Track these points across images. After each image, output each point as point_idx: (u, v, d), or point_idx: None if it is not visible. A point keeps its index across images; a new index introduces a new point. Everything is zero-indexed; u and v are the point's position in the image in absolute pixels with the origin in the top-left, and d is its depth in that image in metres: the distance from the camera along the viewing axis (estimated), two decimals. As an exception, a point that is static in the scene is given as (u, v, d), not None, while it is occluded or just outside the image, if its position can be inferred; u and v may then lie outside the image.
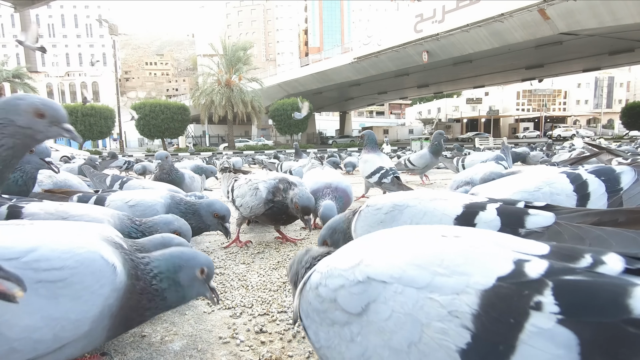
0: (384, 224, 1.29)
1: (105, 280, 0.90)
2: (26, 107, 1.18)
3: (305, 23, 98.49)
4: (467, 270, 0.62)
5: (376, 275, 0.68)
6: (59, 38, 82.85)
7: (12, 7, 13.68)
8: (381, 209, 1.34)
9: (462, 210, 1.23)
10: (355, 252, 0.77)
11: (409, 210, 1.28)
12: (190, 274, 1.07)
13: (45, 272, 0.83)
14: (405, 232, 0.82)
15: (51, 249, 0.87)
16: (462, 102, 60.15)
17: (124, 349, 1.24)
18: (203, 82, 34.80)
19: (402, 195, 1.38)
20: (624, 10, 15.81)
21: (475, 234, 0.74)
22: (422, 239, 0.75)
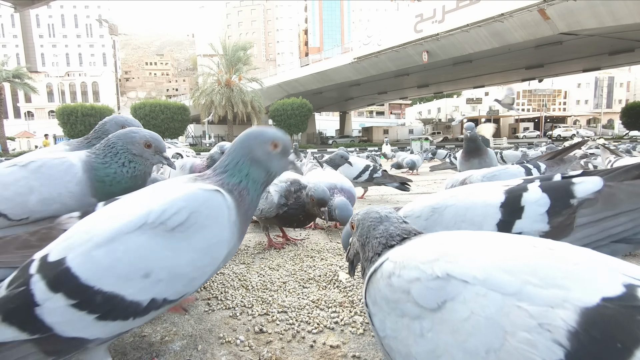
0: (428, 231, 1.24)
1: (222, 212, 0.97)
2: (139, 139, 1.45)
3: (305, 23, 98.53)
4: (566, 285, 0.57)
5: (458, 274, 0.65)
6: (59, 38, 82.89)
7: (12, 7, 13.64)
8: (421, 217, 1.27)
9: (505, 196, 1.18)
10: (434, 247, 0.75)
11: (450, 209, 1.23)
12: (264, 149, 1.08)
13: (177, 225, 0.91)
14: (492, 236, 0.77)
15: (161, 203, 0.93)
16: (462, 102, 60.21)
17: (124, 349, 1.25)
18: (203, 82, 34.82)
19: (435, 198, 1.32)
20: (624, 10, 15.82)
21: (573, 249, 0.69)
22: (512, 246, 0.70)
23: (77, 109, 29.73)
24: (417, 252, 0.76)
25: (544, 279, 0.59)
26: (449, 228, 1.16)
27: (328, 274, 1.88)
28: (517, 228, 1.11)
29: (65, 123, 29.12)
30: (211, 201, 0.97)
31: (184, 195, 0.95)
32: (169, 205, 0.92)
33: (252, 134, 1.11)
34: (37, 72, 71.54)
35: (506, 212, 1.14)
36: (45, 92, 66.63)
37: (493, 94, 60.07)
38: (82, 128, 29.12)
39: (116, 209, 0.97)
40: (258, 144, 1.08)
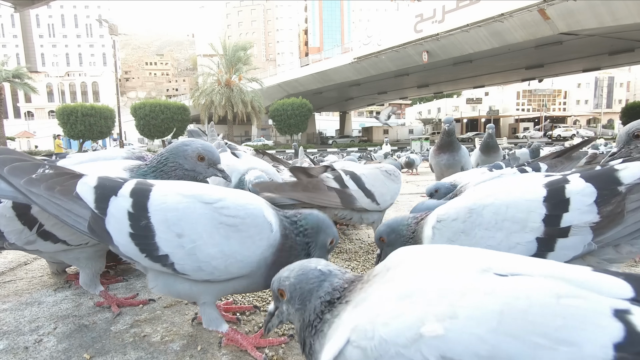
0: (467, 234, 1.17)
1: (264, 235, 1.10)
2: (191, 152, 1.43)
3: (305, 23, 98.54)
4: (573, 338, 0.48)
5: (456, 355, 0.50)
6: (59, 38, 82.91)
7: (12, 7, 13.64)
8: (457, 219, 1.20)
9: (546, 190, 1.12)
10: (403, 302, 0.57)
11: (489, 209, 1.16)
12: (324, 238, 1.18)
13: (225, 216, 1.09)
14: (448, 267, 0.64)
15: (232, 200, 1.13)
16: (462, 102, 60.21)
17: (124, 349, 1.25)
18: (203, 82, 34.81)
19: (471, 198, 1.24)
20: (624, 10, 15.82)
21: (538, 267, 0.61)
22: (474, 277, 0.58)
23: (77, 109, 29.71)
24: (386, 323, 0.56)
25: (549, 334, 0.49)
26: (489, 229, 1.13)
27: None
28: (566, 221, 1.07)
29: (65, 123, 29.11)
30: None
31: None
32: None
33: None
34: (37, 72, 71.59)
35: (551, 205, 1.09)
36: (45, 92, 66.65)
37: (493, 94, 60.15)
38: (82, 128, 29.10)
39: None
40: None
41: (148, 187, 1.13)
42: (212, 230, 1.07)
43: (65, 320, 1.45)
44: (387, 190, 2.14)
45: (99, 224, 1.08)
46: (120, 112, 32.02)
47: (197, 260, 1.06)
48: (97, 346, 1.26)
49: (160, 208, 1.07)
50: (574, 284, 0.56)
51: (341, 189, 1.98)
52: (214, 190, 1.18)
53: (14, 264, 2.12)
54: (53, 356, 1.21)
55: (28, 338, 1.33)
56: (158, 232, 1.06)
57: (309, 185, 1.92)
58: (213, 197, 1.11)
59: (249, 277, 1.13)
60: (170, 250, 1.06)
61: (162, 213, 1.07)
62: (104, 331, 1.36)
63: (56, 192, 1.11)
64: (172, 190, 1.13)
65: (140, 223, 1.07)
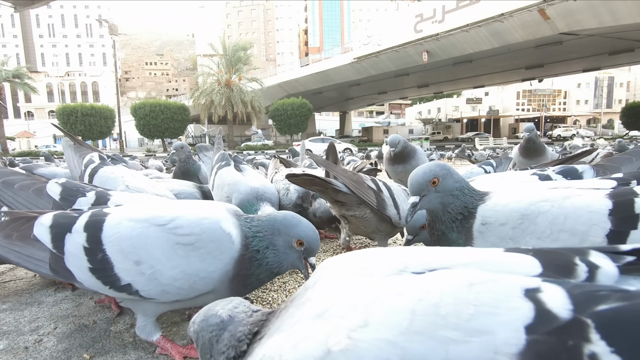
0: (516, 242, 1.07)
1: (225, 247, 1.08)
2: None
3: (305, 23, 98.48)
4: (485, 326, 0.46)
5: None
6: (59, 38, 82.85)
7: (12, 7, 13.65)
8: (506, 224, 1.09)
9: (612, 201, 1.01)
10: (315, 321, 0.53)
11: (545, 217, 1.04)
12: (287, 241, 1.11)
13: (180, 236, 1.06)
14: (355, 271, 0.60)
15: (186, 218, 1.10)
16: (462, 102, 60.17)
17: (124, 349, 1.25)
18: (203, 82, 34.78)
19: (524, 200, 1.11)
20: (624, 10, 15.81)
21: (455, 258, 0.59)
22: (388, 280, 0.55)
23: (77, 109, 29.72)
24: (296, 344, 0.53)
25: (460, 325, 0.47)
26: (542, 239, 1.03)
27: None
28: (633, 239, 0.97)
29: (65, 123, 29.11)
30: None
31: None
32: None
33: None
34: (37, 72, 71.55)
35: (618, 220, 0.98)
36: (45, 92, 66.60)
37: (493, 94, 60.12)
38: (82, 128, 29.11)
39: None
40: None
41: (101, 218, 1.11)
42: (169, 252, 1.05)
43: (65, 320, 1.45)
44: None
45: (60, 264, 1.08)
46: (120, 112, 32.06)
47: (160, 284, 1.05)
48: (97, 346, 1.26)
49: (114, 239, 1.06)
50: (488, 268, 0.55)
51: (377, 192, 1.94)
52: (168, 208, 1.15)
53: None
54: (53, 356, 1.21)
55: (28, 338, 1.33)
56: (116, 263, 1.05)
57: (353, 177, 1.89)
58: (166, 218, 1.09)
59: (215, 292, 1.11)
60: (132, 278, 1.05)
61: (116, 243, 1.06)
62: (104, 331, 1.36)
63: (15, 240, 1.11)
64: (125, 216, 1.11)
65: (97, 257, 1.06)
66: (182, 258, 1.05)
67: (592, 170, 1.69)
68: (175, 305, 1.16)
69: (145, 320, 1.17)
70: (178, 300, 1.11)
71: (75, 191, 1.62)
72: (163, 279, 1.05)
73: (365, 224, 1.99)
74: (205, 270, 1.06)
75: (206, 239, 1.07)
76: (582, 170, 1.69)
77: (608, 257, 0.54)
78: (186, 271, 1.05)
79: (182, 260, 1.05)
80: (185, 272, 1.05)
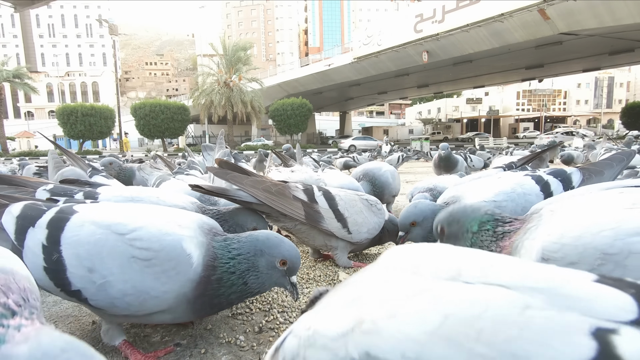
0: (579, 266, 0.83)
1: (181, 269, 1.03)
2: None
3: (305, 23, 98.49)
4: (524, 351, 0.41)
5: (380, 352, 0.46)
6: (59, 38, 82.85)
7: (12, 7, 13.65)
8: (578, 264, 0.83)
9: None
10: (350, 305, 0.54)
11: (636, 260, 0.78)
12: (270, 261, 1.10)
13: (138, 249, 1.01)
14: (403, 268, 0.59)
15: (148, 230, 1.04)
16: (462, 102, 60.20)
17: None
18: (203, 82, 34.77)
19: (606, 230, 0.83)
20: (624, 10, 15.81)
21: (506, 270, 0.53)
22: (435, 283, 0.53)
23: (77, 109, 29.66)
24: (328, 317, 0.54)
25: (494, 346, 0.42)
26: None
27: (328, 274, 1.88)
28: None
29: (65, 123, 29.08)
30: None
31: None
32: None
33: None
34: (37, 72, 71.55)
35: None
36: (45, 92, 66.58)
37: (493, 94, 60.14)
38: (82, 128, 29.06)
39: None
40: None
41: (66, 216, 1.07)
42: (124, 264, 1.00)
43: (65, 321, 1.45)
44: (364, 221, 1.88)
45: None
46: (120, 112, 32.05)
47: (110, 297, 1.01)
48: (97, 346, 1.26)
49: (72, 241, 1.02)
50: (558, 302, 0.46)
51: (309, 203, 1.79)
52: (134, 216, 1.09)
53: (14, 264, 2.12)
54: (53, 356, 1.21)
55: (28, 338, 1.32)
56: (69, 267, 1.01)
57: (272, 188, 1.74)
58: (128, 227, 1.04)
59: (170, 311, 1.07)
60: (82, 285, 1.01)
61: (73, 247, 1.02)
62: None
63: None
64: (89, 219, 1.06)
65: (52, 257, 1.02)
66: (135, 273, 1.00)
67: (579, 173, 1.73)
68: (131, 319, 1.12)
69: (108, 324, 1.15)
70: (128, 315, 1.06)
71: (63, 195, 1.62)
72: (112, 292, 1.00)
73: (308, 238, 1.89)
74: (158, 289, 1.01)
75: (163, 257, 1.02)
76: (570, 172, 1.74)
77: None
78: (137, 287, 1.00)
79: (135, 275, 1.00)
80: (136, 288, 1.00)
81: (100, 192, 1.69)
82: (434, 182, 2.54)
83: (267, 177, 2.00)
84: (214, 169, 1.86)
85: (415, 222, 1.57)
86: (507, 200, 1.58)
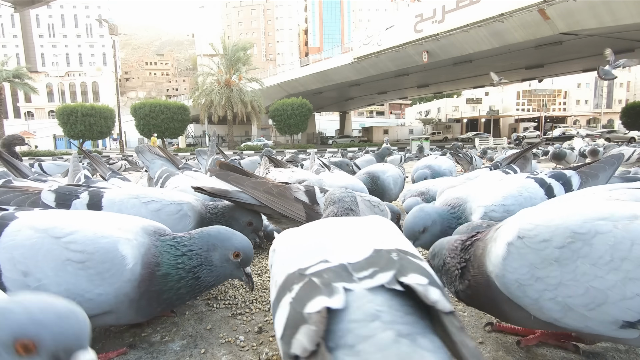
0: (562, 265, 0.87)
1: (116, 270, 1.04)
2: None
3: (305, 23, 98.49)
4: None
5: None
6: (59, 38, 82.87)
7: (12, 7, 13.66)
8: (550, 241, 0.89)
9: None
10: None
11: (603, 240, 0.85)
12: (223, 254, 1.13)
13: (72, 252, 1.02)
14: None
15: (83, 234, 1.05)
16: (462, 102, 60.20)
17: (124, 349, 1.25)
18: (203, 82, 34.78)
19: (577, 215, 0.92)
20: (624, 10, 15.81)
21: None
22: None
23: (77, 109, 29.65)
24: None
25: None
26: (599, 266, 0.83)
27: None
28: None
29: (65, 123, 29.09)
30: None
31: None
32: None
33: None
34: (37, 72, 71.55)
35: None
36: (45, 92, 66.60)
37: (493, 94, 60.11)
38: (82, 128, 29.07)
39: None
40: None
41: (5, 222, 1.08)
42: (58, 267, 1.01)
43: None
44: None
45: None
46: (120, 112, 32.03)
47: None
48: (97, 347, 1.26)
49: (8, 246, 1.03)
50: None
51: (310, 204, 1.80)
52: (74, 221, 1.10)
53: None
54: (53, 356, 1.21)
55: (28, 338, 1.32)
56: (4, 271, 1.01)
57: (273, 189, 1.76)
58: (65, 231, 1.05)
59: (112, 313, 1.07)
60: (17, 289, 1.01)
61: (9, 251, 1.02)
62: (104, 331, 1.36)
63: None
64: (28, 224, 1.07)
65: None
66: (69, 276, 1.01)
67: (577, 177, 1.77)
68: None
69: None
70: None
71: (68, 195, 1.63)
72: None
73: None
74: (92, 292, 1.01)
75: (97, 260, 1.03)
76: (570, 175, 1.77)
77: None
78: (71, 290, 1.00)
79: (69, 278, 1.01)
80: (70, 290, 1.00)
81: (106, 190, 1.71)
82: (427, 185, 2.54)
83: (267, 178, 2.00)
84: (215, 170, 1.88)
85: (426, 229, 1.55)
86: (515, 204, 1.59)
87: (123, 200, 1.66)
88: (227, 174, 1.79)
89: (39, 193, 1.65)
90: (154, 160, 3.04)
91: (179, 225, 1.68)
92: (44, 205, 1.60)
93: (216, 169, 1.90)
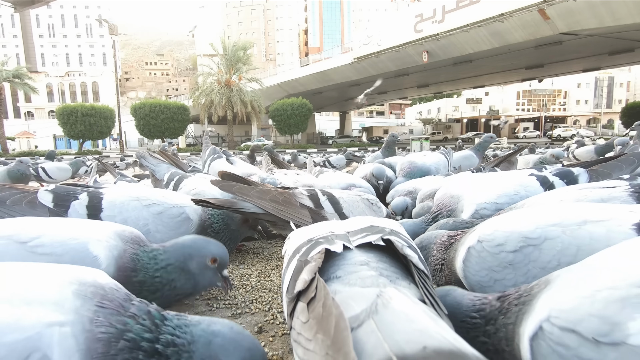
0: (516, 269, 0.92)
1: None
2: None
3: (305, 23, 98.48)
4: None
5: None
6: (59, 38, 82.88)
7: (12, 7, 13.66)
8: (504, 245, 0.95)
9: (637, 232, 0.85)
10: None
11: (551, 245, 0.89)
12: (200, 262, 1.13)
13: (39, 255, 0.99)
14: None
15: (51, 236, 1.03)
16: (462, 102, 60.22)
17: (123, 349, 1.24)
18: (203, 82, 34.79)
19: (529, 221, 0.97)
20: (624, 10, 15.82)
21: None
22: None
23: (77, 109, 29.66)
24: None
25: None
26: (547, 269, 0.86)
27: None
28: None
29: (65, 123, 29.10)
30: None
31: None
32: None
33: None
34: (37, 72, 71.54)
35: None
36: (45, 92, 66.60)
37: (493, 94, 60.15)
38: (82, 128, 29.08)
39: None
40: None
41: None
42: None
43: None
44: None
45: None
46: (120, 112, 32.04)
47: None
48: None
49: None
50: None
51: (315, 209, 1.82)
52: (40, 227, 1.08)
53: (13, 264, 2.11)
54: (52, 356, 1.21)
55: (28, 338, 1.32)
56: None
57: (278, 197, 1.78)
58: (30, 235, 1.02)
59: None
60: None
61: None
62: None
63: None
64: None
65: None
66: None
67: (586, 175, 1.71)
68: None
69: None
70: None
71: (67, 195, 1.60)
72: None
73: None
74: None
75: (67, 261, 0.97)
76: (577, 174, 1.70)
77: None
78: None
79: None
80: None
81: (105, 191, 1.68)
82: (413, 184, 2.51)
83: (267, 185, 2.01)
84: (218, 182, 1.88)
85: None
86: (510, 203, 1.50)
87: (124, 203, 1.62)
88: (231, 185, 1.80)
89: (36, 192, 1.61)
90: (159, 164, 3.01)
91: (181, 228, 1.66)
92: (41, 205, 1.56)
93: (218, 180, 1.90)
